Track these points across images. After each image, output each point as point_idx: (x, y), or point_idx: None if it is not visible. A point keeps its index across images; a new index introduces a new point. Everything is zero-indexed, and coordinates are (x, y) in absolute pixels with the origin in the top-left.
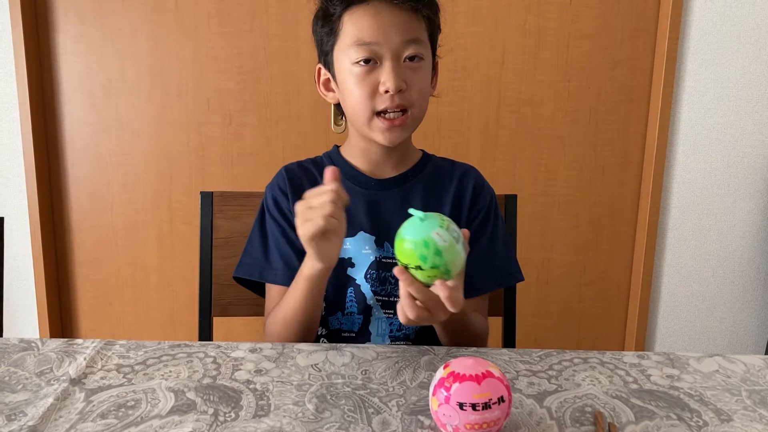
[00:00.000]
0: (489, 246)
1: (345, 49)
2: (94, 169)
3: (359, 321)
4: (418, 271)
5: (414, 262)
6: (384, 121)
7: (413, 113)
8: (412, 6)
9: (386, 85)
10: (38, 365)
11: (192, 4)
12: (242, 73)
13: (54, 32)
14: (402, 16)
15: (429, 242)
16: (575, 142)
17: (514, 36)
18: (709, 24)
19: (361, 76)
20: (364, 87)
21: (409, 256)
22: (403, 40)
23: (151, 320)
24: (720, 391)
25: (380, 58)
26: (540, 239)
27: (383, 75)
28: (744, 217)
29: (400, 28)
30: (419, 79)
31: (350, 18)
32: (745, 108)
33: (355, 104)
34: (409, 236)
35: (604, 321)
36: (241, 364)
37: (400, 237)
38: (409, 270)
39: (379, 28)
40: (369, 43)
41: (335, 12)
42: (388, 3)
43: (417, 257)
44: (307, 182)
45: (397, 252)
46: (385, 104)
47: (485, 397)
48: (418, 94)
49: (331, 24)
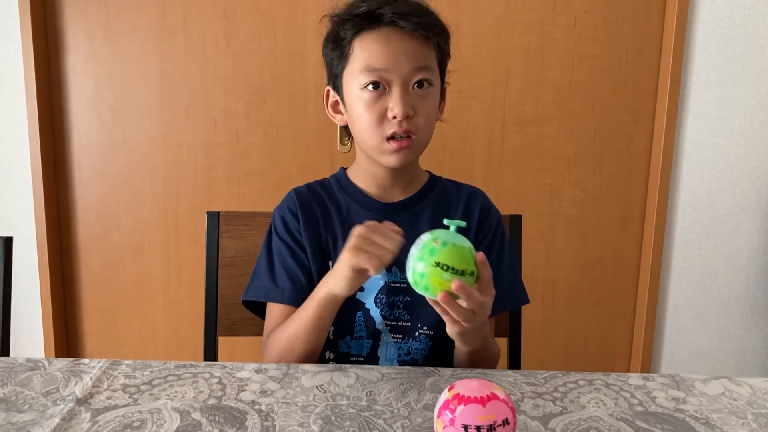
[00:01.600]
0: (495, 269)
1: (354, 73)
2: (101, 189)
3: (368, 345)
4: (470, 277)
5: (470, 267)
6: (393, 143)
7: (418, 138)
8: (422, 34)
9: (394, 111)
10: (45, 385)
11: (200, 26)
12: (249, 94)
13: (64, 53)
14: (412, 44)
15: (473, 248)
16: (580, 161)
17: (519, 56)
18: (713, 45)
19: (370, 101)
20: (372, 113)
21: (466, 262)
22: (413, 68)
23: (157, 339)
24: (726, 414)
25: (389, 84)
26: (545, 259)
27: (391, 101)
28: (750, 237)
29: (410, 55)
30: (427, 105)
31: (360, 43)
32: (749, 128)
33: (363, 128)
34: (461, 242)
35: (609, 341)
36: (246, 384)
37: (449, 244)
38: (465, 276)
39: (389, 55)
40: (378, 70)
41: (346, 37)
42: (398, 30)
43: (472, 262)
44: (316, 205)
45: (447, 259)
46: (393, 129)
47: (490, 420)
48: (424, 120)
49: (342, 48)
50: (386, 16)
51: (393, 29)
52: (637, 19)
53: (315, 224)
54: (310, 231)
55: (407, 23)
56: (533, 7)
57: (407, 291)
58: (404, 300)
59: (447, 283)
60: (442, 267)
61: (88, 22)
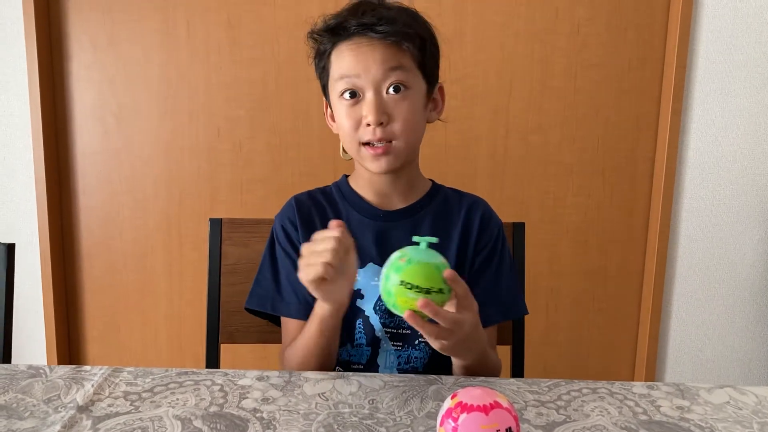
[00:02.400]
0: (495, 279)
1: (333, 83)
2: (104, 195)
3: (367, 353)
4: (438, 294)
5: (438, 284)
6: (369, 149)
7: (398, 144)
8: (393, 40)
9: (367, 118)
10: (46, 392)
11: (204, 32)
12: (252, 101)
13: (67, 60)
14: (382, 49)
15: (446, 265)
16: (583, 169)
17: (522, 64)
18: (717, 53)
19: (347, 109)
20: (349, 120)
21: (433, 279)
22: (384, 70)
23: (159, 346)
24: (731, 423)
25: (362, 90)
26: (548, 267)
27: (365, 108)
28: (754, 245)
29: (379, 59)
30: (404, 109)
31: (336, 54)
32: (753, 136)
33: (344, 136)
34: (429, 259)
35: (613, 349)
36: (248, 392)
37: (414, 262)
38: (432, 294)
39: (359, 61)
40: (349, 76)
41: (326, 50)
42: (366, 38)
43: (440, 279)
44: (316, 213)
45: (411, 277)
46: (368, 137)
47: (493, 428)
48: (402, 125)
49: (323, 61)
50: (351, 28)
51: (363, 37)
52: (640, 27)
53: (313, 233)
54: (308, 240)
55: (374, 33)
56: (536, 15)
57: None
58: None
59: (413, 301)
60: (407, 285)
61: (91, 28)
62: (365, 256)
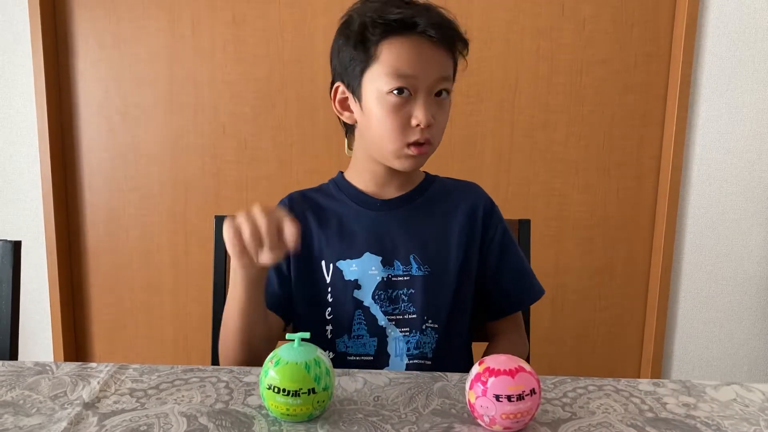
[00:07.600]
0: (517, 261)
1: (380, 75)
2: (110, 193)
3: (373, 344)
4: (306, 396)
5: (306, 385)
6: (413, 149)
7: (433, 145)
8: (448, 45)
9: (419, 119)
10: (52, 389)
11: (208, 30)
12: (257, 98)
13: (73, 58)
14: (439, 54)
15: (320, 361)
16: (589, 166)
17: (528, 61)
18: (723, 49)
19: (394, 106)
20: (396, 118)
21: (300, 380)
22: (439, 77)
23: (165, 343)
24: (737, 420)
25: (414, 90)
26: (554, 264)
27: (416, 109)
28: (761, 242)
29: (438, 64)
30: (444, 114)
31: (389, 47)
32: (760, 132)
33: (384, 132)
34: (297, 358)
35: (619, 347)
36: (253, 389)
37: (282, 363)
38: (300, 396)
39: (419, 62)
40: (407, 76)
41: (373, 38)
42: (428, 39)
43: (311, 379)
44: (309, 210)
45: (278, 381)
46: (416, 137)
47: (519, 389)
48: (439, 128)
49: (366, 48)
50: (420, 25)
51: (423, 38)
52: (646, 23)
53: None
54: None
55: (437, 34)
56: (542, 11)
57: (411, 283)
58: (408, 292)
59: (283, 406)
60: (274, 390)
61: (97, 27)
62: (361, 245)
